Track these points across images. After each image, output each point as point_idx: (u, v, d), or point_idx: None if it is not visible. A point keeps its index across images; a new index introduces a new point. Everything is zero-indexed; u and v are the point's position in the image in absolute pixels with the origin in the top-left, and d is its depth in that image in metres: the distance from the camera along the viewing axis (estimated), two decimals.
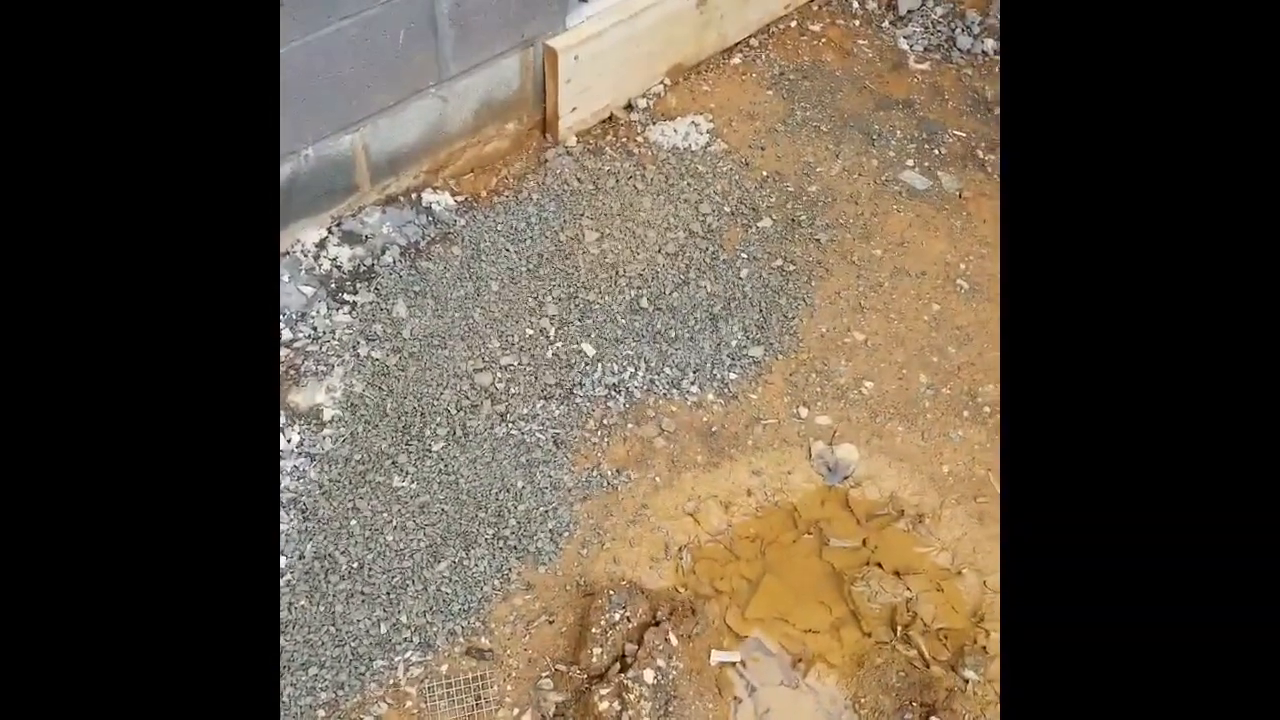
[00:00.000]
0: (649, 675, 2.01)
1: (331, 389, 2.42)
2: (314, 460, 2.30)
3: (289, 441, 2.33)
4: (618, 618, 2.09)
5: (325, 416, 2.37)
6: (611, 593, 2.12)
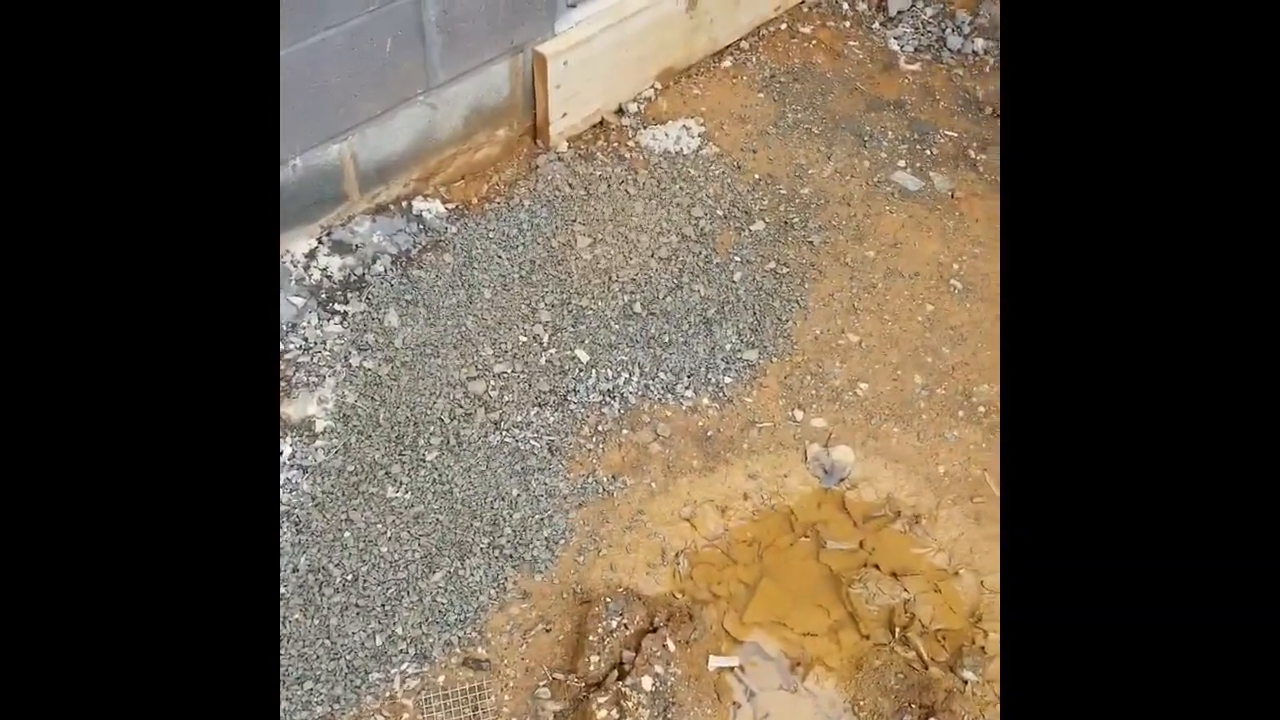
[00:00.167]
0: (647, 682, 2.00)
1: (323, 400, 2.40)
2: (306, 472, 2.29)
3: (281, 454, 2.31)
4: (615, 625, 2.08)
5: (317, 428, 2.36)
6: (608, 600, 2.11)
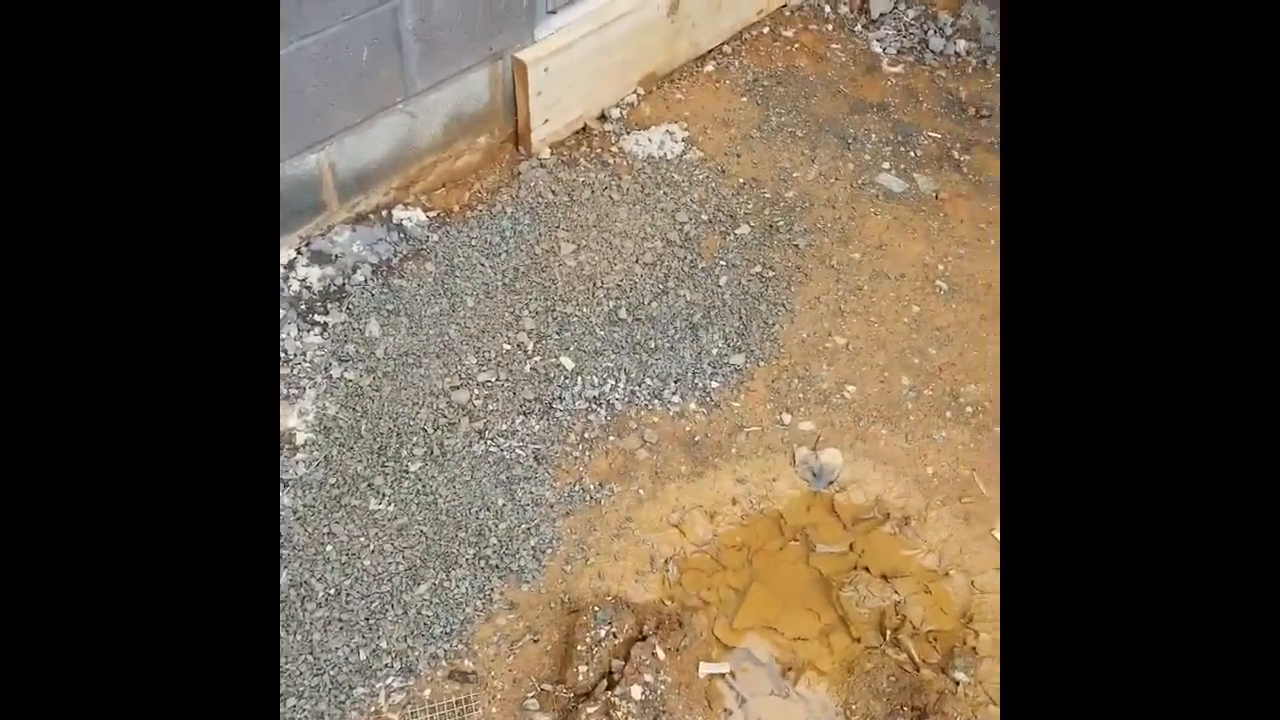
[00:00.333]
0: (636, 691, 1.97)
1: (304, 412, 2.37)
2: (287, 486, 2.26)
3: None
4: (603, 634, 2.05)
5: (298, 441, 2.33)
6: (596, 609, 2.08)
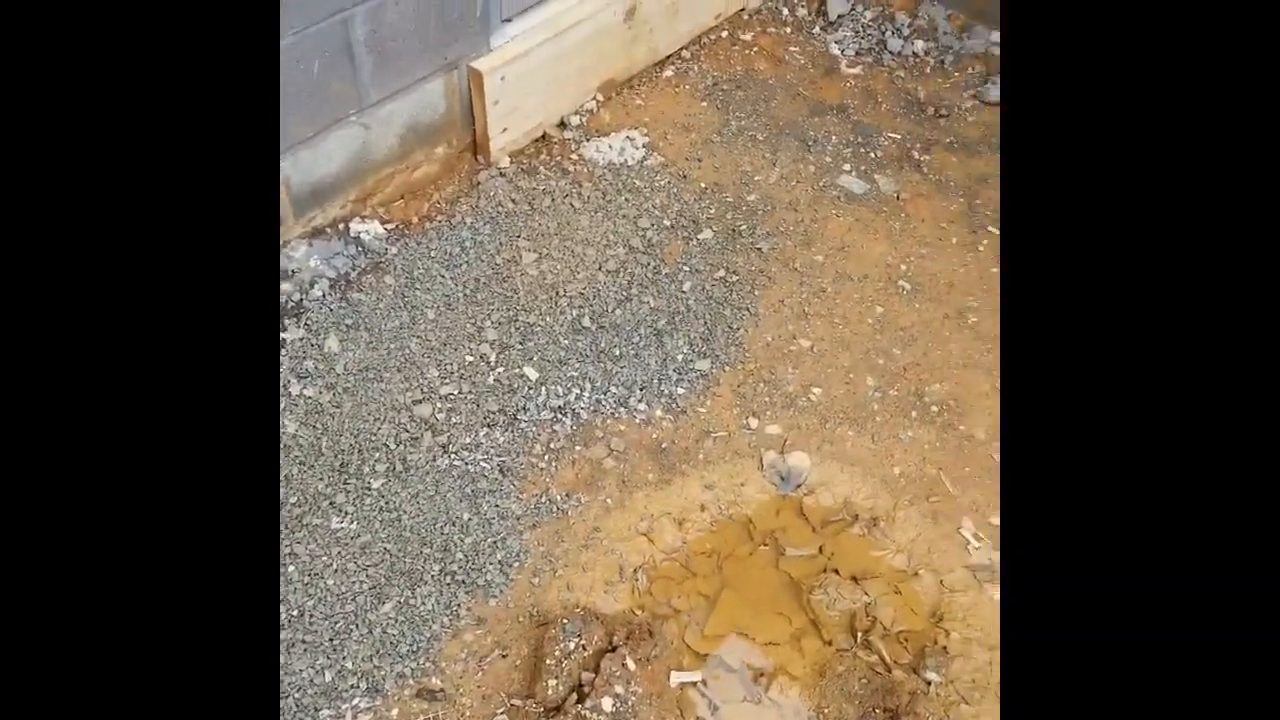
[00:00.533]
0: (607, 703, 1.95)
1: None
2: None
3: None
4: (573, 646, 2.03)
5: None
6: (565, 621, 2.06)
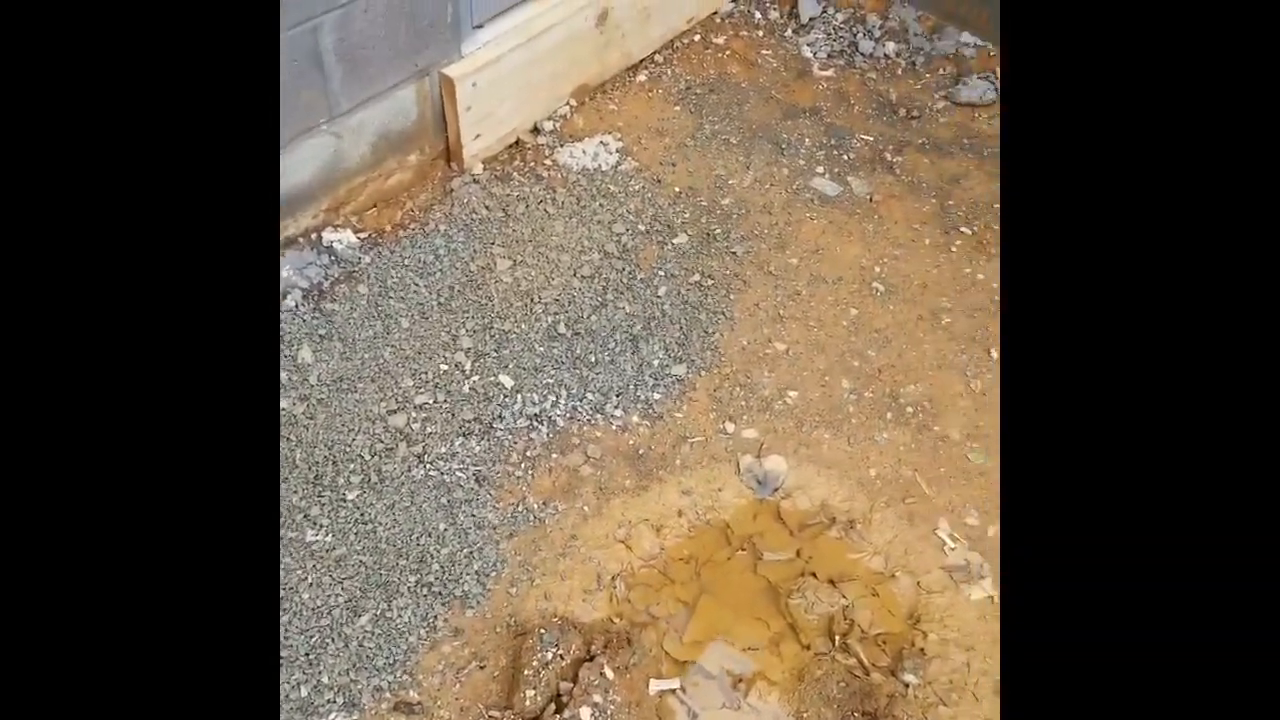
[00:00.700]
0: (586, 713, 1.94)
1: None
2: None
3: None
4: (550, 656, 2.02)
5: None
6: (543, 631, 2.06)
